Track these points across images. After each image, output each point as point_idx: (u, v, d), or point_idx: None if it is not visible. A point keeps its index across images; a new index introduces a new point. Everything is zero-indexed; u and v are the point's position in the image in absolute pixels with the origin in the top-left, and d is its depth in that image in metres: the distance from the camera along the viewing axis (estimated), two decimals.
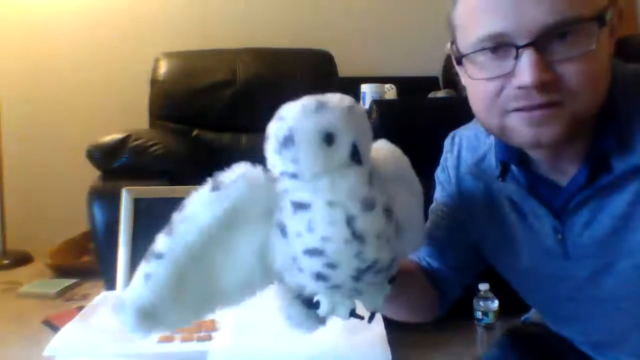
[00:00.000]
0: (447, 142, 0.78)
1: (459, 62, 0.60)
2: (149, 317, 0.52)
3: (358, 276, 0.51)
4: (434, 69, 2.80)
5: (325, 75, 2.41)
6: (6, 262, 2.48)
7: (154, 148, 1.74)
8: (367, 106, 2.32)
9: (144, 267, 0.52)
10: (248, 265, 0.54)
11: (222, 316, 1.09)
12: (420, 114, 1.77)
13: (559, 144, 0.56)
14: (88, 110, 2.67)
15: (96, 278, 1.92)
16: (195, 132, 2.26)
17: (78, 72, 2.69)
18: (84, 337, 0.99)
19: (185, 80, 2.28)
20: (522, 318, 0.89)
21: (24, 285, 2.17)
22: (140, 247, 1.38)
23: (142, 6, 2.72)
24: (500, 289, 1.49)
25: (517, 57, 0.52)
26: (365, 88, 2.41)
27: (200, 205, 0.51)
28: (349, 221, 0.49)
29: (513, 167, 0.64)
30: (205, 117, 2.27)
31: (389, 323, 1.00)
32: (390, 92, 2.50)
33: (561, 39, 0.51)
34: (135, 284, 0.52)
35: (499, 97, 0.55)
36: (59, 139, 2.66)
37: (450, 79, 2.67)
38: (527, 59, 0.51)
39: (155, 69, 2.30)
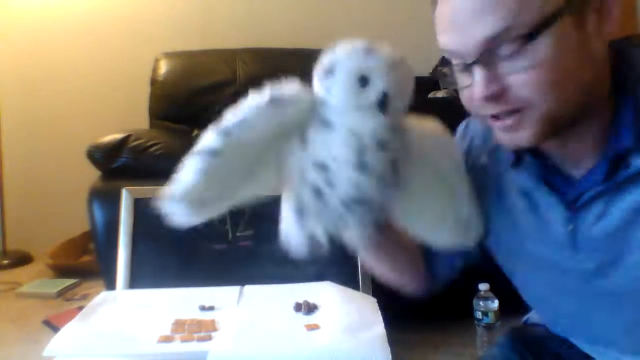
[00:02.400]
0: (460, 129, 0.78)
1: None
2: (196, 206, 0.57)
3: (348, 204, 0.56)
4: None
5: None
6: (6, 262, 2.48)
7: (154, 148, 1.74)
8: None
9: (196, 162, 0.56)
10: (273, 168, 0.60)
11: (222, 317, 1.09)
12: (420, 114, 1.76)
13: (542, 143, 0.58)
14: (88, 110, 2.67)
15: (96, 278, 1.92)
16: (195, 132, 2.25)
17: (78, 72, 2.69)
18: (84, 337, 0.99)
19: (185, 80, 2.28)
20: (523, 319, 0.89)
21: (24, 285, 2.17)
22: (140, 247, 1.38)
23: (142, 6, 2.72)
24: (500, 289, 1.49)
25: (471, 73, 0.55)
26: None
27: (258, 116, 0.57)
28: (360, 151, 0.55)
29: (526, 156, 0.64)
30: (205, 117, 2.26)
31: (389, 323, 1.00)
32: None
33: (505, 52, 0.52)
34: (187, 177, 0.56)
35: (473, 104, 0.58)
36: (59, 139, 2.66)
37: None
38: (476, 75, 0.54)
39: (155, 69, 2.30)
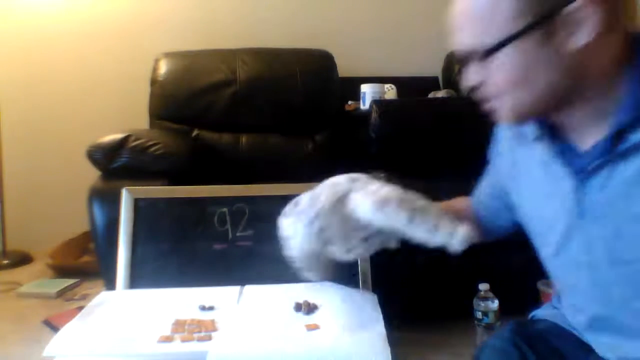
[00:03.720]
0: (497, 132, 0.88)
1: None
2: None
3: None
4: (434, 69, 2.80)
5: (325, 75, 2.40)
6: (6, 262, 2.48)
7: (154, 148, 1.74)
8: (367, 106, 2.32)
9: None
10: None
11: (222, 317, 1.09)
12: (420, 114, 1.77)
13: (521, 124, 0.73)
14: (88, 110, 2.67)
15: (96, 278, 1.92)
16: (195, 132, 2.26)
17: (78, 72, 2.69)
18: (84, 337, 0.99)
19: (185, 80, 2.28)
20: (530, 315, 0.90)
21: (24, 285, 2.17)
22: (140, 247, 1.38)
23: (142, 6, 2.72)
24: (500, 289, 1.49)
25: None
26: (365, 88, 2.41)
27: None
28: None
29: (545, 131, 0.73)
30: (205, 117, 2.27)
31: (388, 323, 1.00)
32: (390, 92, 2.50)
33: (478, 58, 0.65)
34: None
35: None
36: (59, 139, 2.67)
37: (451, 79, 2.67)
38: (466, 69, 0.69)
39: (155, 69, 2.30)
